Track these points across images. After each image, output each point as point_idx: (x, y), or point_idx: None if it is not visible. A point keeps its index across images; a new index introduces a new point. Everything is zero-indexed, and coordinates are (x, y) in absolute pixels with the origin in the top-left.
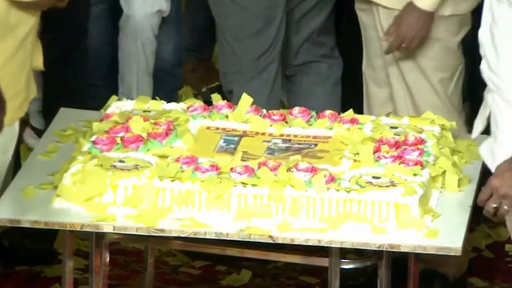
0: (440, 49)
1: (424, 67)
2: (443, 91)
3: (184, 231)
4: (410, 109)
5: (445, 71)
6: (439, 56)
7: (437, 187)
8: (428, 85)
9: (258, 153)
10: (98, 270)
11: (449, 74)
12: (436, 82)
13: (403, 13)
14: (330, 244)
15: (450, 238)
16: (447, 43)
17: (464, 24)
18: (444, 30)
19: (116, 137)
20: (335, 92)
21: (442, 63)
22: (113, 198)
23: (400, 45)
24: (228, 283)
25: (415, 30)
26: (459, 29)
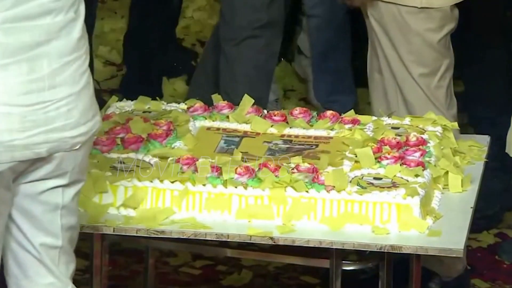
0: (419, 43)
1: (405, 60)
2: (425, 86)
3: (184, 232)
4: (399, 99)
5: (426, 66)
6: (418, 51)
7: (439, 188)
8: (410, 78)
9: (259, 154)
10: (98, 270)
11: (430, 70)
12: (417, 76)
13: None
14: (331, 246)
15: (452, 240)
16: (427, 38)
17: (447, 21)
18: (423, 24)
19: (116, 138)
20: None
21: (422, 58)
22: (113, 199)
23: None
24: (229, 283)
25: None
26: (440, 26)
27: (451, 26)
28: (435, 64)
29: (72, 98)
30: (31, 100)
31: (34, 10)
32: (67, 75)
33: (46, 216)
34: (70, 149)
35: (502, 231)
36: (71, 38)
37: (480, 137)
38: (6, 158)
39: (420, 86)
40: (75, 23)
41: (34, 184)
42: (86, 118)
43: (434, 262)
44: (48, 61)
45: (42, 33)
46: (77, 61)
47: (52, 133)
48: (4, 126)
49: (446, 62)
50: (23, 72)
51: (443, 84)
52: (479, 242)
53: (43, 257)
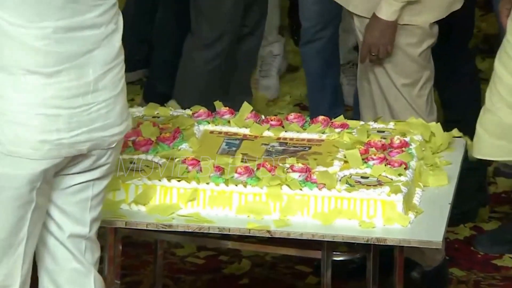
0: (401, 56)
1: (389, 71)
2: (407, 94)
3: (190, 226)
4: (385, 106)
5: (407, 77)
6: (400, 63)
7: (420, 186)
8: (394, 88)
9: (257, 155)
10: (111, 261)
11: (411, 80)
12: (400, 86)
13: (368, 23)
14: (323, 238)
15: (431, 233)
16: (408, 52)
17: (427, 37)
18: (405, 39)
19: (128, 141)
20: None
21: (404, 70)
22: (125, 196)
23: (368, 53)
24: (230, 272)
25: (377, 38)
26: (420, 41)
27: (430, 41)
28: (416, 76)
29: (111, 100)
30: (77, 103)
31: (82, 23)
32: (108, 80)
33: (77, 206)
34: (108, 147)
35: (477, 225)
36: (112, 47)
37: (457, 140)
38: (54, 155)
39: (403, 95)
40: (115, 34)
41: (70, 177)
42: (121, 119)
43: (415, 253)
44: (94, 68)
45: (88, 43)
46: (117, 67)
47: (94, 133)
48: (53, 126)
49: (426, 73)
50: (73, 78)
51: (423, 93)
52: (456, 235)
53: (71, 244)
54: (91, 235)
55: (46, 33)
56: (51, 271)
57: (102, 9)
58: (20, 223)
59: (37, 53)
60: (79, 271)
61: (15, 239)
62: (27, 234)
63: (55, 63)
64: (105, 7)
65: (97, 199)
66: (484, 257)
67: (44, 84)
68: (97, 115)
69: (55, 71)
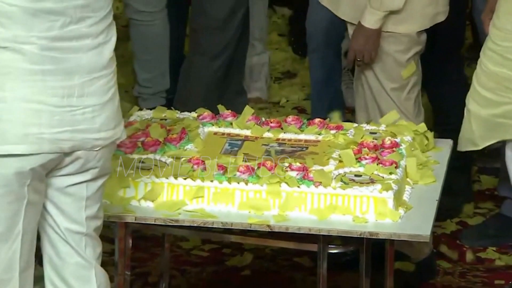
0: (390, 62)
1: (379, 76)
2: (396, 98)
3: (195, 221)
4: (376, 109)
5: (396, 82)
6: (389, 69)
7: (409, 184)
8: (384, 92)
9: (257, 154)
10: (122, 253)
11: (400, 85)
12: (389, 90)
13: (354, 30)
14: (319, 232)
15: (420, 227)
16: (397, 58)
17: (414, 44)
18: (393, 47)
19: (137, 142)
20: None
21: (393, 75)
22: (134, 193)
23: (354, 58)
24: (232, 264)
25: (362, 45)
26: (408, 48)
27: (417, 48)
28: (404, 80)
29: (97, 107)
30: (61, 102)
31: (69, 34)
32: (95, 88)
33: (72, 206)
34: (91, 149)
35: (462, 220)
36: (101, 57)
37: (444, 141)
38: (35, 149)
39: (392, 98)
40: (106, 45)
41: (63, 178)
42: (108, 126)
43: (405, 246)
44: (80, 75)
45: (75, 52)
46: (106, 77)
47: (76, 133)
48: (34, 120)
49: (414, 78)
50: (57, 79)
51: (411, 97)
52: (443, 229)
53: (70, 240)
54: (89, 232)
55: (33, 40)
56: (55, 265)
57: (91, 22)
58: (15, 219)
59: (24, 54)
60: (82, 265)
61: (10, 234)
62: (22, 230)
63: (41, 63)
64: (94, 19)
65: (92, 199)
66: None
67: (28, 80)
68: (82, 118)
69: (40, 69)
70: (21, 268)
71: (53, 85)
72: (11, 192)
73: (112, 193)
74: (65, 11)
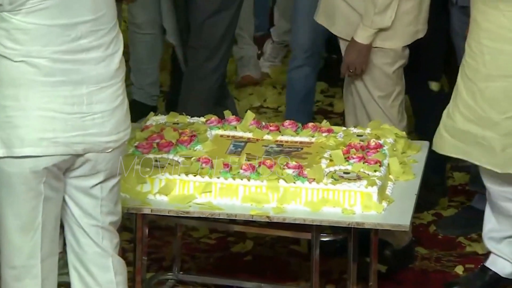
0: (378, 73)
1: (368, 85)
2: (383, 105)
3: (203, 212)
4: (364, 114)
5: (382, 91)
6: (377, 79)
7: (391, 180)
8: (372, 99)
9: (258, 154)
10: (140, 241)
11: (386, 93)
12: (377, 98)
13: (348, 45)
14: (312, 222)
15: (401, 218)
16: (384, 70)
17: (399, 58)
18: (381, 60)
19: (153, 143)
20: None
21: (380, 85)
22: (150, 188)
23: (347, 70)
24: (236, 250)
25: (355, 58)
26: (393, 61)
27: (402, 61)
28: (390, 89)
29: (106, 113)
30: (72, 110)
31: (78, 47)
32: (104, 96)
33: (89, 204)
34: (102, 151)
35: (438, 212)
36: (109, 68)
37: (421, 143)
38: (51, 151)
39: (379, 105)
40: (113, 56)
41: (78, 180)
42: (118, 130)
43: (388, 234)
44: (87, 85)
45: (84, 64)
46: (114, 86)
47: (88, 137)
48: (49, 126)
49: (398, 88)
50: (67, 89)
51: (396, 104)
52: (421, 220)
53: (89, 233)
54: (105, 226)
55: (46, 54)
56: (77, 253)
57: (99, 35)
58: (34, 213)
59: (38, 67)
60: (100, 254)
61: (31, 226)
62: (42, 222)
63: (53, 75)
64: (101, 33)
65: (107, 198)
66: (444, 238)
67: (41, 91)
68: (92, 123)
69: (51, 81)
70: (43, 257)
71: (64, 94)
72: (30, 189)
73: (131, 188)
74: (76, 26)
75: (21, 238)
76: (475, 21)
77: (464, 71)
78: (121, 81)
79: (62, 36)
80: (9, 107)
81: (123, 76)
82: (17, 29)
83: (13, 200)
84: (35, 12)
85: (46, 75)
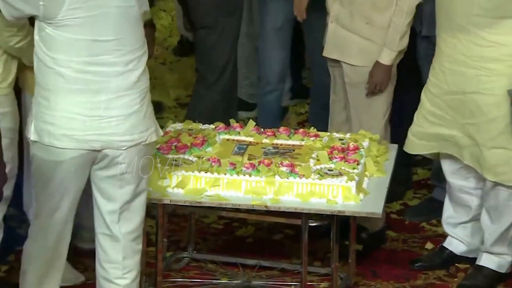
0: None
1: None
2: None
3: (213, 203)
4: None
5: (388, 106)
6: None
7: (367, 176)
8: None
9: (258, 155)
10: (161, 226)
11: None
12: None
13: (373, 67)
14: (302, 211)
15: (374, 207)
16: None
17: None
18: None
19: (172, 145)
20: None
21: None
22: (169, 182)
23: (375, 89)
24: (240, 234)
25: (381, 77)
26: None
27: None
28: (390, 103)
29: (121, 118)
30: (90, 113)
31: (100, 61)
32: (120, 103)
33: (109, 189)
34: (117, 149)
35: (404, 202)
36: (128, 81)
37: (392, 145)
38: (70, 145)
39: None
40: (133, 72)
41: (100, 171)
42: (132, 132)
43: (364, 220)
44: (106, 94)
45: (104, 76)
46: (131, 96)
47: (103, 136)
48: (69, 125)
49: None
50: (88, 96)
51: (386, 117)
52: (391, 209)
53: (104, 216)
54: (122, 211)
55: (71, 64)
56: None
57: (119, 53)
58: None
59: (63, 76)
60: (108, 235)
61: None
62: (65, 192)
63: (74, 83)
64: (122, 52)
65: (127, 188)
66: (410, 224)
67: (65, 96)
68: (107, 125)
69: (73, 88)
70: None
71: (83, 100)
72: (53, 175)
73: (153, 183)
74: (99, 43)
75: (45, 207)
76: (438, 47)
77: (428, 88)
78: (139, 92)
79: (85, 50)
80: (43, 105)
81: (144, 88)
82: (50, 38)
83: (42, 182)
84: (64, 27)
85: (68, 83)
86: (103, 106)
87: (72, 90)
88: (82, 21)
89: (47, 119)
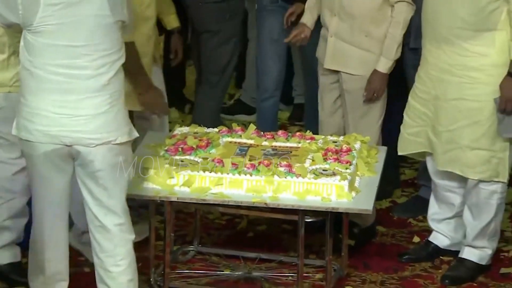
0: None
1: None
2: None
3: (216, 200)
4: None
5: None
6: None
7: (359, 175)
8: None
9: (258, 156)
10: (169, 222)
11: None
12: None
13: (372, 75)
14: (299, 207)
15: (366, 204)
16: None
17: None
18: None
19: (178, 147)
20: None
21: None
22: (176, 181)
23: (373, 95)
24: (241, 228)
25: (379, 85)
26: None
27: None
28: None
29: (89, 117)
30: (60, 111)
31: (71, 65)
32: (90, 103)
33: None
34: (86, 146)
35: (393, 199)
36: (98, 84)
37: (381, 147)
38: (45, 140)
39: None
40: (104, 75)
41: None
42: (100, 131)
43: (356, 216)
44: (76, 94)
45: (74, 77)
46: (100, 97)
47: (73, 133)
48: (43, 122)
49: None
50: (58, 95)
51: (380, 123)
52: (380, 205)
53: (92, 209)
54: (109, 206)
55: (46, 66)
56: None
57: (90, 58)
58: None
59: (35, 76)
60: (101, 227)
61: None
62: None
63: (46, 83)
64: (93, 57)
65: (104, 185)
66: (398, 220)
67: (37, 95)
68: (76, 123)
69: (44, 87)
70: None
71: (54, 98)
72: (34, 165)
73: (162, 182)
74: (72, 48)
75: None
76: (424, 57)
77: (415, 93)
78: (110, 94)
79: (59, 54)
80: (22, 103)
81: (116, 91)
82: (29, 44)
83: (29, 175)
84: (40, 33)
85: (42, 83)
86: (72, 105)
87: (45, 89)
88: (56, 27)
89: (25, 116)
